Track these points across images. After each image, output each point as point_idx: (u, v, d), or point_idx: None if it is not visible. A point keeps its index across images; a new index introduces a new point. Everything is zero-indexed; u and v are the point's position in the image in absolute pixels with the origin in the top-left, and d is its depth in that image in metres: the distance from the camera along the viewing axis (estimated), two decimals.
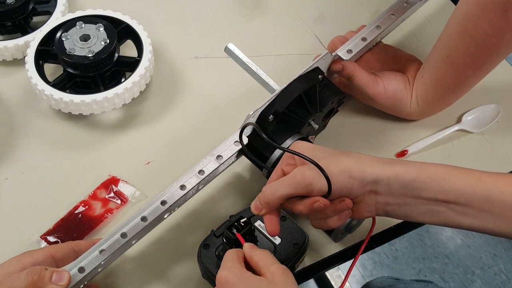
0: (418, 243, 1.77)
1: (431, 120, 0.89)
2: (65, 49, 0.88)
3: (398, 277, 1.08)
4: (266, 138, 0.70)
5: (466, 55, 0.78)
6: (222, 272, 0.62)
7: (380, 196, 0.66)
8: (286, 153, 0.69)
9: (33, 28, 0.96)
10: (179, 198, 0.72)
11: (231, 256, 0.64)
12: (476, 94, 0.87)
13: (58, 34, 0.89)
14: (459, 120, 0.90)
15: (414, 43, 0.98)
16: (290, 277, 0.62)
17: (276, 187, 0.66)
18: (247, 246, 0.65)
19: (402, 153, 0.87)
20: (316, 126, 0.80)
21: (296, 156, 0.67)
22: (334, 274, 1.59)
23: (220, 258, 0.72)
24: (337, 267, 1.28)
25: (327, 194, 0.64)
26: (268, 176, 0.73)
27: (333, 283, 1.58)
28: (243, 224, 0.68)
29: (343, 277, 1.61)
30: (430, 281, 0.99)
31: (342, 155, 0.66)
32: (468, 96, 0.86)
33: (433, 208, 0.65)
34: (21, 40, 0.93)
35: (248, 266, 0.64)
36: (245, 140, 0.77)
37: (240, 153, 0.77)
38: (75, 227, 0.80)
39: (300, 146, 0.69)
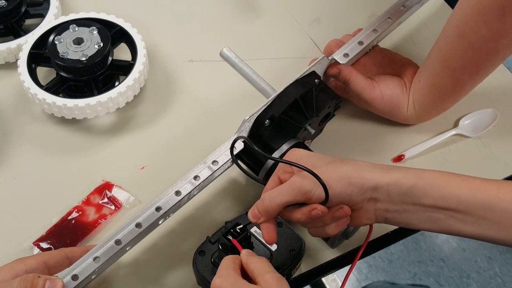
0: (413, 247, 1.77)
1: (428, 125, 0.89)
2: (58, 53, 0.86)
3: (394, 281, 1.08)
4: (258, 150, 0.70)
5: (463, 59, 0.77)
6: (216, 280, 0.61)
7: (379, 203, 0.65)
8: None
9: (26, 31, 0.95)
10: (174, 204, 0.71)
11: (227, 263, 0.63)
12: (473, 99, 0.86)
13: (51, 38, 0.88)
14: (456, 125, 0.89)
15: (411, 47, 0.98)
16: (285, 285, 0.61)
17: (275, 195, 0.65)
18: (244, 253, 0.64)
19: (399, 158, 0.86)
20: (313, 131, 0.79)
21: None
22: (329, 278, 1.59)
23: (215, 265, 0.71)
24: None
25: (325, 201, 0.64)
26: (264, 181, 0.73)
27: (328, 287, 1.58)
28: (239, 231, 0.68)
29: (338, 281, 1.61)
30: (426, 286, 0.99)
31: (340, 162, 0.66)
32: (465, 101, 0.85)
33: (433, 215, 0.64)
34: (13, 43, 0.92)
35: (245, 273, 0.63)
36: (241, 146, 0.76)
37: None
38: (68, 233, 0.79)
39: (298, 153, 0.68)
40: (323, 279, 1.58)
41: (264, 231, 0.67)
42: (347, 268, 0.76)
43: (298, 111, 0.78)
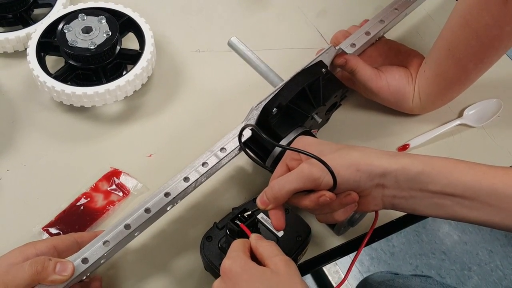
0: (415, 239, 1.78)
1: (432, 115, 0.89)
2: (67, 41, 0.87)
3: (397, 272, 1.08)
4: (266, 138, 0.71)
5: (467, 47, 0.78)
6: (226, 262, 0.62)
7: (387, 189, 0.66)
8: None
9: (35, 20, 0.96)
10: (183, 190, 0.72)
11: (236, 246, 0.64)
12: (478, 89, 0.87)
13: (60, 26, 0.89)
14: (460, 115, 0.90)
15: (416, 38, 0.98)
16: (293, 268, 0.62)
17: (284, 182, 0.66)
18: (253, 237, 0.65)
19: (404, 147, 0.87)
20: (319, 120, 0.80)
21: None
22: (331, 270, 1.60)
23: (222, 250, 0.72)
24: (334, 262, 1.29)
25: (333, 188, 0.65)
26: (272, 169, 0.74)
27: (330, 278, 1.59)
28: (246, 217, 0.68)
29: (341, 272, 1.62)
30: (429, 276, 1.00)
31: (349, 149, 0.67)
32: (470, 91, 0.86)
33: (439, 202, 0.65)
34: (22, 32, 0.93)
35: (254, 256, 0.64)
36: (249, 133, 0.77)
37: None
38: (77, 219, 0.80)
39: (306, 141, 0.69)
40: (326, 271, 1.59)
41: (273, 217, 0.68)
42: (349, 259, 0.77)
43: (305, 100, 0.78)
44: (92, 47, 0.87)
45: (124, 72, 0.91)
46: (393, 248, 1.76)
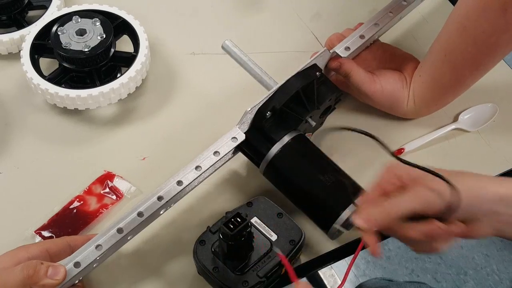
0: None
1: (427, 119, 0.89)
2: (61, 44, 0.87)
3: (391, 278, 1.08)
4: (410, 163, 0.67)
5: (464, 54, 0.78)
6: None
7: (501, 216, 0.64)
8: (386, 171, 0.68)
9: (29, 22, 0.95)
10: (176, 194, 0.72)
11: None
12: (473, 93, 0.87)
13: (54, 28, 0.89)
14: (455, 119, 0.90)
15: (411, 42, 0.98)
16: None
17: (398, 202, 0.64)
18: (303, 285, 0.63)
19: (399, 151, 0.87)
20: (313, 123, 0.80)
21: (403, 177, 0.66)
22: (327, 274, 1.59)
23: (216, 254, 0.72)
24: (330, 266, 1.28)
25: (449, 215, 0.63)
26: (265, 172, 0.73)
27: (326, 282, 1.58)
28: (239, 220, 0.68)
29: (336, 276, 1.61)
30: (423, 282, 1.00)
31: (461, 175, 0.65)
32: (465, 95, 0.86)
33: None
34: (16, 34, 0.93)
35: None
36: (243, 137, 0.76)
37: (237, 149, 0.77)
38: (70, 222, 0.80)
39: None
40: (321, 275, 1.58)
41: (370, 243, 0.65)
42: (344, 262, 0.77)
43: (299, 104, 0.78)
44: (86, 50, 0.86)
45: (118, 75, 0.91)
46: (389, 252, 1.75)
